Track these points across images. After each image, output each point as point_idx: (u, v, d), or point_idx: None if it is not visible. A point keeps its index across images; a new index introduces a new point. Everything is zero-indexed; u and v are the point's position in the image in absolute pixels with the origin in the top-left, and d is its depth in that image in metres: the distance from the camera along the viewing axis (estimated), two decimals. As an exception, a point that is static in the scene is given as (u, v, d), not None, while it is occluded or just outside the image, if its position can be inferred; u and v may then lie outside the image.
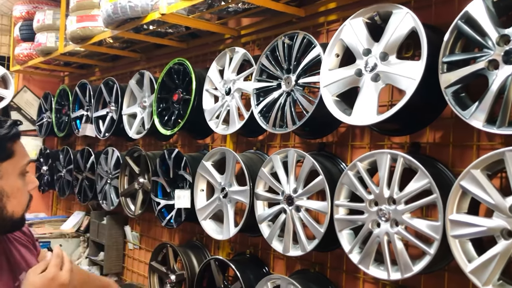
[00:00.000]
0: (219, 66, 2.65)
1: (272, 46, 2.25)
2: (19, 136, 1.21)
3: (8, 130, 1.16)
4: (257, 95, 2.30)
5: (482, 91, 1.55)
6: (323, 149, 2.23)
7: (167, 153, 2.84)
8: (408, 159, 1.69)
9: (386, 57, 1.77)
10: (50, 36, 3.76)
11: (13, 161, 1.17)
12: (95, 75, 4.33)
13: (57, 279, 1.11)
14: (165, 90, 2.97)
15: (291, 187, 2.09)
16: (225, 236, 2.40)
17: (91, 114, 3.73)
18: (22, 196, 1.20)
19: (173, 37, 3.10)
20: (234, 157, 2.37)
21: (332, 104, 1.91)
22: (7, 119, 1.20)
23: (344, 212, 1.93)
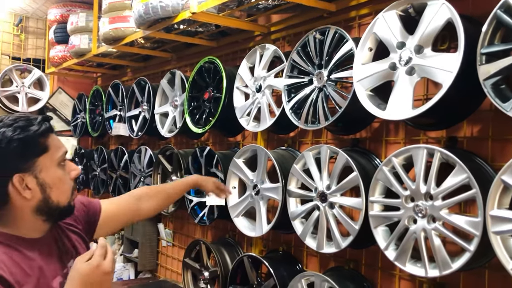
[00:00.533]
0: (249, 63, 2.65)
1: (303, 42, 2.24)
2: (51, 130, 1.28)
3: (38, 126, 1.23)
4: (288, 91, 2.29)
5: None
6: (357, 145, 2.20)
7: (199, 151, 2.87)
8: (445, 154, 1.65)
9: (421, 50, 1.74)
10: (84, 38, 3.85)
11: (48, 155, 1.25)
12: (127, 75, 4.40)
13: (101, 267, 1.18)
14: (196, 89, 2.99)
15: (324, 184, 2.07)
16: (258, 233, 2.40)
17: (124, 114, 3.80)
18: (64, 185, 1.29)
19: (203, 36, 3.12)
20: (266, 154, 2.37)
21: (365, 99, 1.88)
22: (37, 116, 1.27)
23: (379, 208, 1.90)
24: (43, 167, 1.23)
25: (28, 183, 1.21)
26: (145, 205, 1.78)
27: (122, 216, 1.68)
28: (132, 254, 3.78)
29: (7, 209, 1.23)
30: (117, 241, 4.05)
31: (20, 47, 4.88)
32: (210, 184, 2.09)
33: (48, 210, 1.26)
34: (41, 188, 1.23)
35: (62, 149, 1.30)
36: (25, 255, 1.22)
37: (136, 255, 3.72)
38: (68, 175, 1.31)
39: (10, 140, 1.18)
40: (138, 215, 1.79)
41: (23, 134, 1.20)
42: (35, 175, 1.22)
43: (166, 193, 1.90)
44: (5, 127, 1.20)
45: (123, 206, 1.69)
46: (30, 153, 1.22)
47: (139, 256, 3.66)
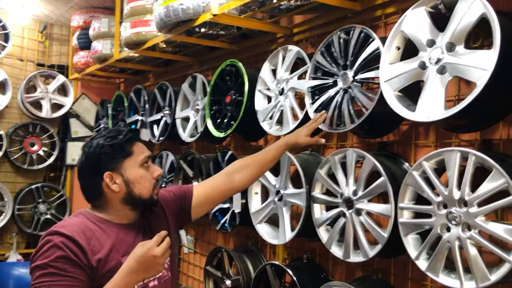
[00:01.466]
0: (271, 65, 2.59)
1: (327, 42, 2.16)
2: (135, 138, 1.60)
3: (124, 136, 1.56)
4: (312, 93, 2.22)
5: None
6: (384, 149, 2.11)
7: (220, 156, 2.81)
8: (481, 157, 1.54)
9: (453, 48, 1.64)
10: (106, 43, 3.85)
11: (132, 158, 1.56)
12: (149, 80, 4.39)
13: (152, 251, 1.42)
14: (218, 93, 2.94)
15: (351, 189, 1.99)
16: (281, 240, 2.32)
17: (146, 119, 3.77)
18: (145, 181, 1.57)
19: (224, 39, 3.07)
20: (289, 159, 2.29)
21: (394, 100, 1.79)
22: (126, 129, 1.63)
23: (409, 215, 1.80)
24: (127, 167, 1.55)
25: (116, 179, 1.53)
26: (237, 179, 1.90)
27: (216, 196, 1.87)
28: (154, 261, 3.74)
29: (101, 199, 1.56)
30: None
31: (44, 53, 4.93)
32: (303, 139, 2.02)
33: (132, 201, 1.56)
34: (126, 183, 1.54)
35: (145, 154, 1.59)
36: (105, 231, 1.51)
37: (157, 262, 3.68)
38: (151, 174, 1.59)
39: (102, 146, 1.53)
40: (232, 190, 1.92)
41: (112, 141, 1.54)
42: (121, 173, 1.54)
43: (257, 163, 1.95)
44: (100, 137, 1.56)
45: (215, 186, 1.87)
46: (118, 156, 1.54)
47: (160, 263, 3.61)
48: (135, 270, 1.42)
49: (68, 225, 1.47)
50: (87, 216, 1.55)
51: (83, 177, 1.59)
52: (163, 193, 1.75)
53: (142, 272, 1.44)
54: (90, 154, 1.55)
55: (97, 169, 1.53)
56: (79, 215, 1.55)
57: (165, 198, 1.75)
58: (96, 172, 1.53)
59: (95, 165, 1.54)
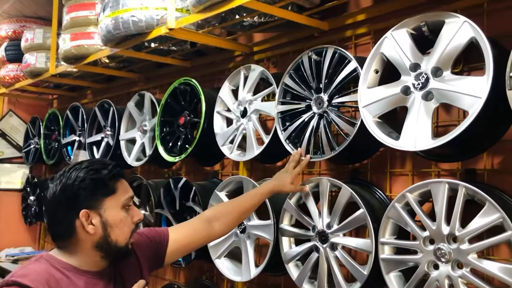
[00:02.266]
0: (232, 85, 2.41)
1: (296, 64, 2.02)
2: (120, 175, 1.42)
3: (109, 171, 1.38)
4: (283, 119, 2.05)
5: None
6: (356, 177, 1.99)
7: (173, 183, 2.57)
8: (472, 190, 1.45)
9: (439, 73, 1.55)
10: (40, 56, 3.50)
11: (115, 197, 1.38)
12: (87, 97, 4.06)
13: None
14: (169, 113, 2.71)
15: (325, 222, 1.83)
16: (245, 277, 2.12)
17: (84, 140, 3.44)
18: (124, 226, 1.39)
19: (176, 55, 2.86)
20: (254, 187, 2.11)
21: (374, 127, 1.67)
22: (112, 162, 1.42)
23: (390, 251, 1.67)
24: (108, 207, 1.36)
25: (92, 219, 1.35)
26: (217, 227, 1.74)
27: (193, 242, 1.71)
28: (92, 297, 3.37)
29: (71, 241, 1.36)
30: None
31: (-34, 65, 4.43)
32: (289, 187, 1.88)
33: (107, 248, 1.37)
34: (103, 226, 1.36)
35: (128, 194, 1.42)
36: (72, 281, 1.33)
37: (96, 298, 3.32)
38: (131, 218, 1.41)
39: (83, 179, 1.34)
40: (210, 237, 1.78)
41: (95, 175, 1.36)
42: (100, 213, 1.36)
43: (239, 210, 1.80)
44: (81, 169, 1.36)
45: (193, 235, 1.70)
46: (99, 193, 1.36)
47: (100, 299, 3.26)
48: None
49: (30, 273, 1.27)
50: (51, 262, 1.34)
51: (53, 212, 1.37)
52: (136, 238, 1.54)
53: None
54: (67, 186, 1.34)
55: (73, 204, 1.34)
56: (42, 261, 1.35)
57: (139, 243, 1.56)
58: (71, 208, 1.34)
59: (71, 199, 1.34)
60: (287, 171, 1.89)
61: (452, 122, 1.73)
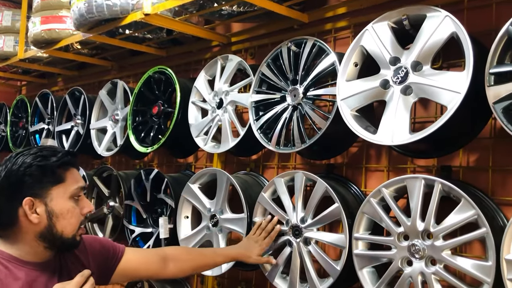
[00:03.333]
0: (208, 75, 2.35)
1: (275, 54, 1.98)
2: (71, 164, 1.35)
3: (59, 158, 1.31)
4: (256, 108, 2.01)
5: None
6: (332, 172, 1.96)
7: (144, 174, 2.49)
8: (448, 186, 1.44)
9: (419, 67, 1.53)
10: (8, 39, 3.35)
11: (63, 186, 1.32)
12: (57, 85, 3.92)
13: None
14: (143, 102, 2.63)
15: (299, 216, 1.80)
16: (216, 272, 2.06)
17: (53, 128, 3.32)
18: (72, 217, 1.33)
19: (151, 43, 2.78)
20: (228, 180, 2.06)
21: (352, 120, 1.64)
22: (62, 150, 1.36)
23: (364, 246, 1.65)
24: (54, 197, 1.30)
25: (37, 208, 1.29)
26: (171, 267, 1.67)
27: (143, 271, 1.64)
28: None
29: (13, 230, 1.30)
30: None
31: None
32: (253, 259, 1.84)
33: (51, 238, 1.31)
34: (48, 215, 1.30)
35: (78, 184, 1.35)
36: (12, 272, 1.26)
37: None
38: (80, 209, 1.36)
39: (29, 165, 1.28)
40: (161, 275, 1.69)
41: (43, 162, 1.29)
42: (45, 202, 1.29)
43: (198, 263, 1.77)
44: (29, 154, 1.30)
45: (146, 262, 1.64)
46: (46, 181, 1.29)
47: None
48: None
49: None
50: None
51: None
52: (91, 241, 1.51)
53: None
54: (12, 172, 1.28)
55: (17, 191, 1.28)
56: None
57: (92, 246, 1.51)
58: (14, 195, 1.28)
59: (15, 186, 1.28)
60: (256, 241, 1.83)
61: (429, 118, 1.72)
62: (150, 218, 2.50)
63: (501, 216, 1.51)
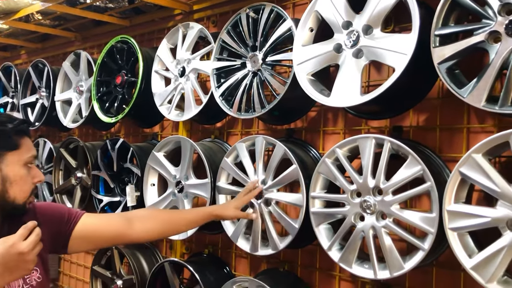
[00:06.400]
0: (170, 44, 2.36)
1: (234, 21, 2.00)
2: (26, 132, 1.38)
3: (15, 125, 1.34)
4: (218, 76, 2.05)
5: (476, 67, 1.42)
6: (292, 136, 2.02)
7: (110, 144, 2.51)
8: (396, 144, 1.51)
9: (369, 31, 1.58)
10: (-34, 10, 3.25)
11: (17, 153, 1.34)
12: (20, 58, 3.84)
13: (17, 247, 1.19)
14: (106, 72, 2.63)
15: (260, 179, 1.86)
16: (182, 236, 2.13)
17: (17, 101, 3.29)
18: (24, 184, 1.35)
19: (113, 12, 2.75)
20: (192, 147, 2.10)
21: (307, 84, 1.70)
22: (18, 118, 1.38)
23: (320, 204, 1.73)
24: (9, 163, 1.32)
25: None
26: (137, 227, 1.60)
27: (104, 234, 1.57)
28: (28, 263, 3.29)
29: None
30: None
31: None
32: (231, 212, 1.80)
33: (3, 203, 1.32)
34: (2, 180, 1.31)
35: (31, 152, 1.38)
36: None
37: (33, 264, 3.24)
38: (31, 178, 1.38)
39: None
40: (127, 237, 1.61)
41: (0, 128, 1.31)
42: (0, 167, 1.31)
43: (168, 220, 1.71)
44: None
45: (107, 224, 1.58)
46: (1, 146, 1.31)
47: (37, 265, 3.18)
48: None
49: None
50: None
51: None
52: (43, 208, 1.48)
53: (7, 274, 1.20)
54: None
55: None
56: None
57: (45, 213, 1.47)
58: None
59: None
60: (237, 198, 1.83)
61: (382, 81, 1.78)
62: (118, 187, 2.53)
63: (447, 172, 1.59)
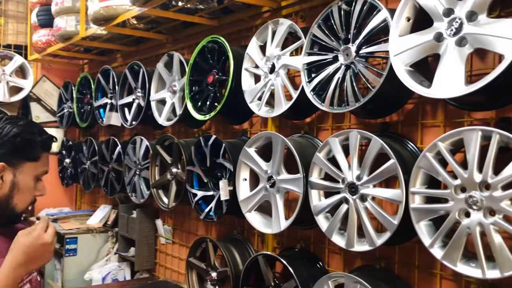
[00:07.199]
0: (259, 41, 2.39)
1: (326, 14, 1.98)
2: (49, 148, 1.47)
3: (43, 139, 1.43)
4: (308, 70, 2.04)
5: None
6: (387, 130, 1.97)
7: (203, 140, 2.61)
8: (506, 136, 1.42)
9: (474, 17, 1.50)
10: (70, 19, 3.53)
11: (34, 165, 1.42)
12: (116, 61, 4.10)
13: (41, 239, 1.32)
14: (198, 72, 2.73)
15: (354, 174, 1.84)
16: (275, 229, 2.16)
17: (115, 102, 3.51)
18: (29, 195, 1.43)
19: (203, 13, 2.84)
20: (283, 142, 2.12)
21: (406, 76, 1.64)
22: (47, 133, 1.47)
23: (421, 200, 1.67)
24: (24, 172, 1.40)
25: (5, 175, 1.37)
26: None
27: None
28: (127, 253, 3.51)
29: None
30: (110, 238, 3.78)
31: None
32: None
33: (5, 207, 1.39)
34: (12, 186, 1.38)
35: (45, 168, 1.47)
36: None
37: (132, 254, 3.46)
38: (36, 191, 1.45)
39: (17, 135, 1.37)
40: None
41: (30, 137, 1.39)
42: (15, 173, 1.38)
43: None
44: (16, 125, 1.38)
45: None
46: (25, 154, 1.39)
47: (135, 255, 3.39)
48: (23, 263, 1.29)
49: None
50: None
51: None
52: None
53: (32, 263, 1.32)
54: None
55: None
56: None
57: None
58: None
59: None
60: None
61: (486, 70, 1.68)
62: (211, 182, 2.62)
63: None
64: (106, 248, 3.77)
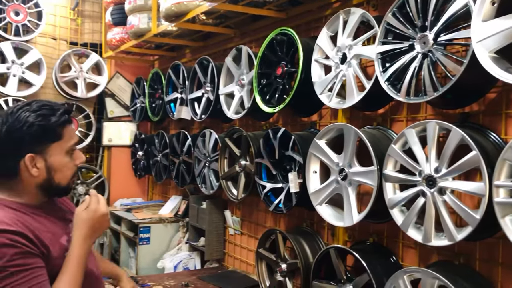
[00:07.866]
0: (330, 32, 2.36)
1: (401, 2, 1.92)
2: (69, 121, 1.46)
3: (58, 118, 1.41)
4: (383, 60, 1.99)
5: None
6: (466, 120, 1.88)
7: (271, 133, 2.62)
8: None
9: None
10: (143, 17, 3.67)
11: (61, 143, 1.43)
12: (185, 56, 4.21)
13: (98, 211, 1.46)
14: (266, 65, 2.74)
15: (432, 166, 1.77)
16: (347, 223, 2.13)
17: (185, 96, 3.61)
18: (67, 170, 1.46)
19: (271, 6, 2.84)
20: (355, 134, 2.08)
21: (490, 63, 1.56)
22: (61, 107, 1.45)
23: (506, 194, 1.58)
24: (53, 153, 1.41)
25: (37, 163, 1.39)
26: None
27: None
28: (198, 243, 3.61)
29: (15, 181, 1.40)
30: (181, 228, 3.90)
31: (77, 31, 4.78)
32: None
33: (49, 188, 1.45)
34: (47, 170, 1.41)
35: (73, 139, 1.47)
36: (35, 218, 1.39)
37: (202, 244, 3.55)
38: (74, 161, 1.48)
39: (31, 124, 1.36)
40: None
41: (44, 121, 1.38)
42: (45, 158, 1.40)
43: None
44: (30, 112, 1.38)
45: None
46: (46, 139, 1.40)
47: (205, 245, 3.48)
48: (89, 235, 1.44)
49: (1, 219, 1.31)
50: (6, 204, 1.38)
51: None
52: None
53: (96, 233, 1.48)
54: (14, 129, 1.36)
55: (19, 147, 1.37)
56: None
57: None
58: (16, 151, 1.37)
59: (17, 143, 1.37)
60: None
61: None
62: (279, 174, 2.63)
63: None
64: (177, 238, 3.90)
